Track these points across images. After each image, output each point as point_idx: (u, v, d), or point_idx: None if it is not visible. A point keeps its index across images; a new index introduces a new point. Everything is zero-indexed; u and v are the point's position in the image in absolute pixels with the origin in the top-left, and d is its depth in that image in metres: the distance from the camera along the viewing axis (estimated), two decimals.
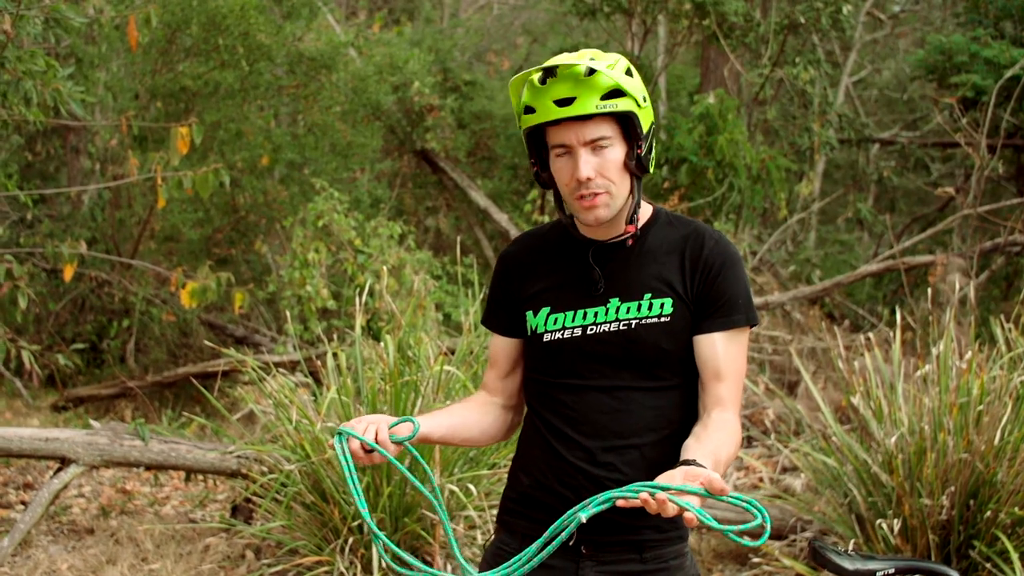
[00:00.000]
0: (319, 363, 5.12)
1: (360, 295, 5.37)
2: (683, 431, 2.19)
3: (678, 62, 12.43)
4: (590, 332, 2.21)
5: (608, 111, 2.11)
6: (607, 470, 2.18)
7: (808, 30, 9.56)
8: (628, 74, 2.14)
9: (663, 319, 2.18)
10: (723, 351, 2.18)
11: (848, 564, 2.23)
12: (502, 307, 2.36)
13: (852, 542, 4.50)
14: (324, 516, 4.57)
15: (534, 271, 2.31)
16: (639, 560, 2.20)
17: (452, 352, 5.38)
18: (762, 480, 6.02)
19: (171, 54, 8.86)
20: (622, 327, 2.19)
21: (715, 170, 8.69)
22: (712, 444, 2.06)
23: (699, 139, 8.78)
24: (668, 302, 2.19)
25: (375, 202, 10.24)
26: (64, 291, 9.26)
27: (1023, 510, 4.21)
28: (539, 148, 2.23)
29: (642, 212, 2.27)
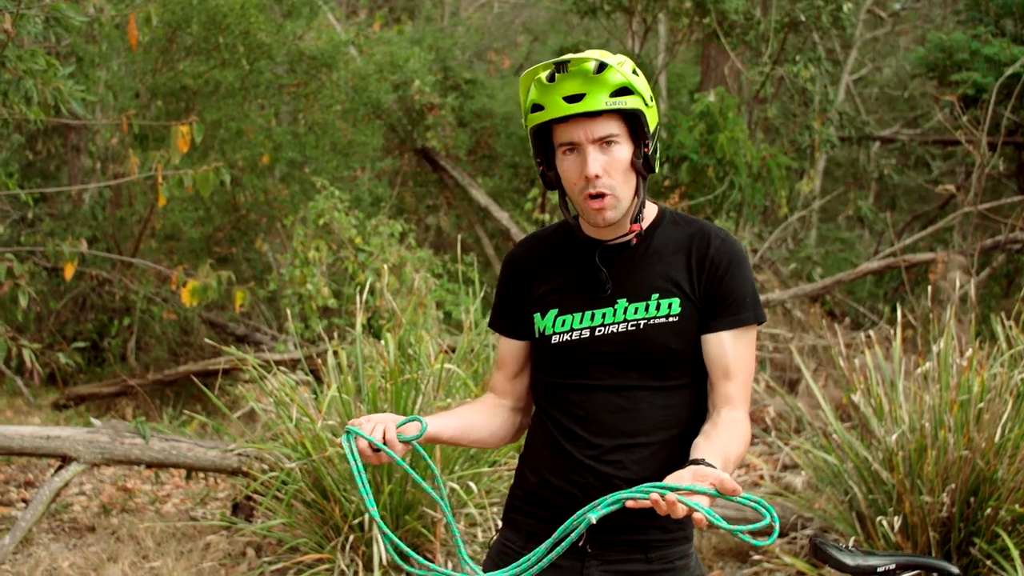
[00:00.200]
0: (320, 361, 5.12)
1: (361, 293, 5.37)
2: (692, 430, 2.19)
3: (679, 60, 12.43)
4: (598, 333, 2.21)
5: (617, 108, 2.11)
6: (616, 468, 2.18)
7: (809, 28, 9.56)
8: (635, 73, 2.15)
9: (671, 319, 2.18)
10: (731, 350, 2.18)
11: (849, 560, 2.24)
12: (508, 309, 2.36)
13: (852, 539, 4.50)
14: (325, 514, 4.57)
15: (540, 273, 2.31)
16: (644, 560, 2.20)
17: (453, 350, 5.39)
18: (763, 478, 6.03)
19: (171, 53, 8.86)
20: (630, 328, 2.19)
21: (716, 168, 8.69)
22: (722, 443, 2.07)
23: (700, 137, 8.78)
24: (676, 302, 2.19)
25: (376, 200, 10.24)
26: (65, 289, 9.27)
27: (1023, 507, 4.21)
28: (545, 147, 2.23)
29: (647, 212, 2.27)
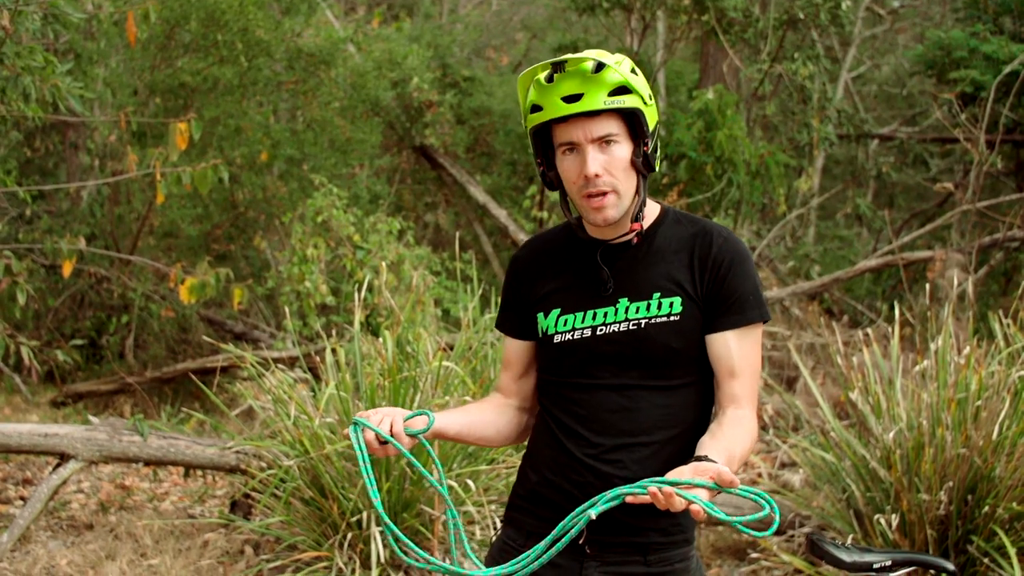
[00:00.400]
0: (318, 359, 5.12)
1: (359, 291, 5.37)
2: (697, 429, 2.20)
3: (677, 58, 12.43)
4: (600, 332, 2.21)
5: (615, 107, 2.11)
6: (616, 467, 2.18)
7: (807, 25, 9.56)
8: (633, 72, 2.15)
9: (672, 318, 2.18)
10: (736, 349, 2.18)
11: (846, 556, 2.24)
12: (513, 310, 2.38)
13: (850, 537, 4.50)
14: (323, 511, 4.57)
15: (543, 273, 2.32)
16: (643, 563, 2.20)
17: (451, 348, 5.39)
18: (761, 475, 6.03)
19: (170, 50, 8.85)
20: (632, 327, 2.19)
21: (714, 166, 8.69)
22: (727, 440, 2.07)
23: (698, 135, 8.78)
24: (677, 301, 2.19)
25: (374, 198, 10.24)
26: (63, 287, 9.26)
27: (1021, 505, 4.21)
28: (545, 148, 2.23)
29: (650, 211, 2.28)
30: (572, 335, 2.24)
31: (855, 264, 9.49)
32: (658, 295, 2.20)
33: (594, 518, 1.95)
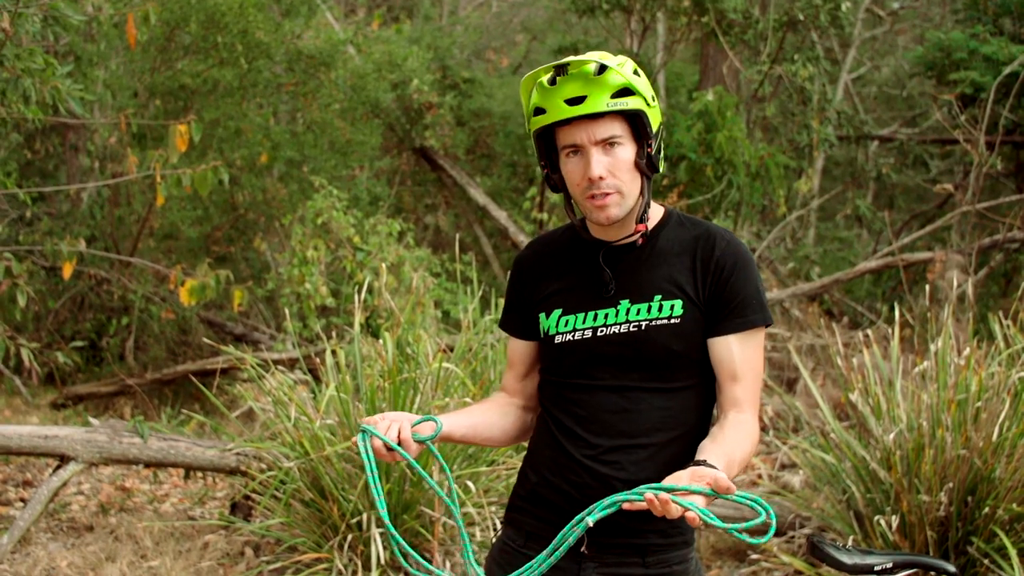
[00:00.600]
0: (318, 360, 5.12)
1: (359, 292, 5.37)
2: (697, 433, 2.20)
3: (677, 59, 12.43)
4: (600, 333, 2.22)
5: (619, 109, 2.11)
6: (614, 468, 2.18)
7: (807, 27, 9.56)
8: (636, 74, 2.15)
9: (673, 320, 2.18)
10: (738, 353, 2.18)
11: (846, 558, 2.24)
12: (516, 310, 2.38)
13: (851, 538, 4.51)
14: (323, 513, 4.57)
15: (547, 274, 2.33)
16: (641, 564, 2.20)
17: (451, 349, 5.39)
18: (761, 477, 6.03)
19: (170, 52, 8.85)
20: (632, 328, 2.19)
21: (714, 167, 8.69)
22: (727, 445, 2.07)
23: (698, 136, 8.78)
24: (678, 303, 2.19)
25: (374, 199, 10.24)
26: (63, 289, 9.26)
27: (1021, 506, 4.21)
28: (549, 150, 2.23)
29: (653, 213, 2.27)
30: (573, 335, 2.24)
31: (855, 265, 9.48)
32: (659, 297, 2.20)
33: (592, 525, 1.95)
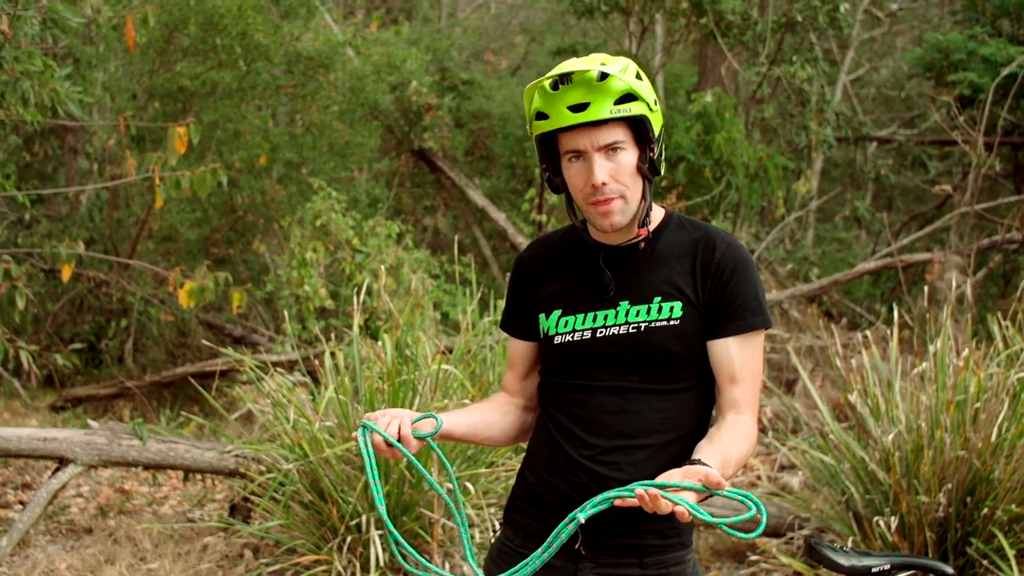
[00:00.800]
0: (317, 362, 5.12)
1: (358, 294, 5.37)
2: (696, 434, 2.21)
3: (676, 60, 12.44)
4: (599, 335, 2.22)
5: (622, 115, 2.11)
6: (611, 469, 2.19)
7: (805, 28, 9.57)
8: (638, 78, 2.15)
9: (672, 322, 2.19)
10: (738, 355, 2.19)
11: (844, 560, 2.24)
12: (517, 311, 2.39)
13: (850, 540, 4.51)
14: (322, 515, 4.57)
15: (547, 275, 2.34)
16: (638, 565, 2.21)
17: (450, 351, 5.39)
18: (760, 478, 6.03)
19: (169, 54, 8.86)
20: (631, 330, 2.20)
21: (713, 168, 8.70)
22: (723, 445, 2.09)
23: (697, 137, 8.79)
24: (678, 305, 2.20)
25: (373, 201, 10.25)
26: (62, 291, 9.26)
27: (1020, 507, 4.22)
28: (551, 154, 2.23)
29: (654, 215, 2.28)
30: (572, 336, 2.25)
31: (854, 266, 9.48)
32: (659, 299, 2.20)
33: (583, 522, 1.96)
